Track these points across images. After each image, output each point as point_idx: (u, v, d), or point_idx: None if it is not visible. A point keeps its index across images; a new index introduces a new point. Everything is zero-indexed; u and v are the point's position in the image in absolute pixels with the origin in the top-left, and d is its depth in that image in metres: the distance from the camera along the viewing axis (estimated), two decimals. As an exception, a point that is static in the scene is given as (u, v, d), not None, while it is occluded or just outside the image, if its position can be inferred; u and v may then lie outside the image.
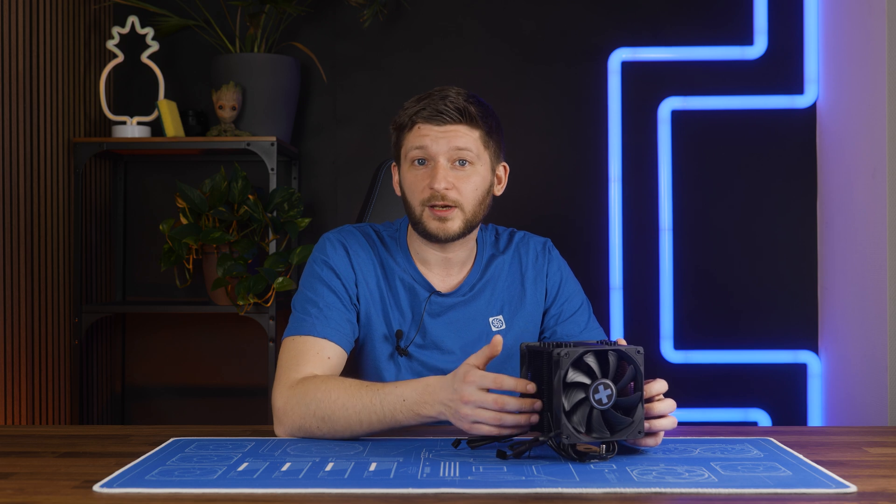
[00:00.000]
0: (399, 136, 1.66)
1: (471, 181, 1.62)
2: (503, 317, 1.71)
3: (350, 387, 1.46)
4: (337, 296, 1.64)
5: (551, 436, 1.27)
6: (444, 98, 1.61)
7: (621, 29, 3.06)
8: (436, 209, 1.61)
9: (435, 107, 1.60)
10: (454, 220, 1.62)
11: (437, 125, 1.60)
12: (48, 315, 2.69)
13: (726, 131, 3.05)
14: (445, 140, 1.60)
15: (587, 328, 1.75)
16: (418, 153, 1.62)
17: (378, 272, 1.68)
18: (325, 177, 3.13)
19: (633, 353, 1.30)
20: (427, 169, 1.62)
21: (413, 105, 1.64)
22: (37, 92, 2.63)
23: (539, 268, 1.75)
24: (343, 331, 1.61)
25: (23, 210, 2.54)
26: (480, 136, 1.63)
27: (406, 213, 1.67)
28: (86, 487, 1.18)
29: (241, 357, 3.12)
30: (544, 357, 1.30)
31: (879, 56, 2.52)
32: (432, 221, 1.62)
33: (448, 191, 1.60)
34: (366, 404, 1.43)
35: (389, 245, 1.72)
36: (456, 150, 1.60)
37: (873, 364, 2.58)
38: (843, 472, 1.25)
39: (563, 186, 3.08)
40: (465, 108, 1.60)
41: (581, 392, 1.28)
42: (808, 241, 3.04)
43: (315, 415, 1.45)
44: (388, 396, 1.42)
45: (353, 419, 1.44)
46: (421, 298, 1.68)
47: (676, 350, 3.03)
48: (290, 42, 3.06)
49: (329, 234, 1.71)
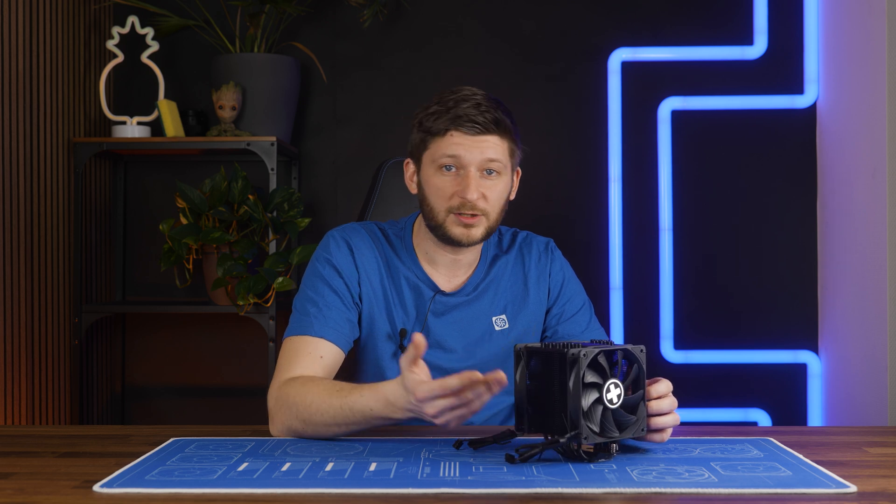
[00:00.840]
0: (427, 137, 1.63)
1: (497, 189, 1.63)
2: (506, 316, 1.72)
3: (324, 391, 1.45)
4: (338, 295, 1.64)
5: (570, 436, 1.26)
6: (478, 106, 1.59)
7: (621, 29, 3.06)
8: (463, 216, 1.60)
9: (471, 117, 1.59)
10: (479, 228, 1.62)
11: (472, 135, 1.59)
12: (48, 315, 2.69)
13: (726, 131, 3.05)
14: (479, 150, 1.59)
15: (588, 328, 1.76)
16: (449, 161, 1.60)
17: (382, 270, 1.68)
18: (325, 177, 3.13)
19: (636, 352, 1.31)
20: (456, 176, 1.61)
21: (443, 109, 1.61)
22: (37, 92, 2.63)
23: (542, 267, 1.76)
24: (341, 330, 1.61)
25: (23, 210, 2.54)
26: (509, 146, 1.63)
27: (423, 212, 1.66)
28: (86, 487, 1.18)
29: (241, 357, 3.12)
30: (555, 357, 1.29)
31: (879, 56, 2.52)
32: (457, 227, 1.61)
33: (478, 201, 1.60)
34: (336, 411, 1.42)
35: (395, 244, 1.72)
36: (487, 160, 1.60)
37: (873, 364, 2.58)
38: (843, 472, 1.25)
39: (563, 186, 3.08)
40: (500, 119, 1.60)
41: (594, 392, 1.28)
42: (808, 241, 3.04)
43: (297, 417, 1.46)
44: (356, 406, 1.41)
45: (330, 423, 1.44)
46: (426, 298, 1.68)
47: (676, 350, 3.03)
48: (290, 42, 3.06)
49: (333, 231, 1.71)
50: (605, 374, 1.28)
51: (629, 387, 1.31)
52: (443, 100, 1.62)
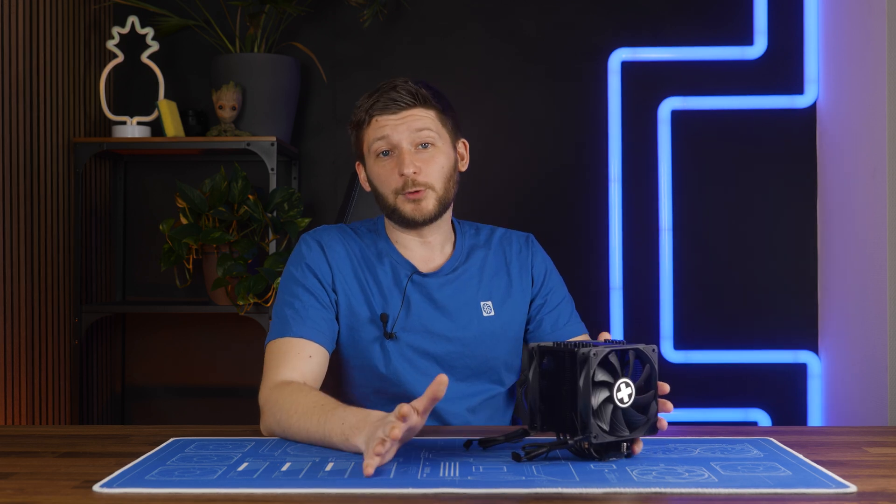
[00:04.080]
0: (358, 133, 1.70)
1: (436, 161, 1.67)
2: (492, 303, 1.74)
3: (308, 406, 1.42)
4: (314, 295, 1.66)
5: (581, 437, 1.26)
6: (394, 87, 1.66)
7: (621, 29, 3.06)
8: (408, 194, 1.64)
9: (388, 96, 1.65)
10: (427, 200, 1.65)
11: (393, 113, 1.65)
12: (48, 315, 2.69)
13: (726, 131, 3.05)
14: (405, 125, 1.64)
15: (570, 321, 1.78)
16: (381, 144, 1.66)
17: (355, 261, 1.71)
18: (325, 177, 3.13)
19: (648, 351, 1.31)
20: (392, 158, 1.66)
21: (365, 101, 1.68)
22: (37, 92, 2.63)
23: (524, 259, 1.79)
24: (321, 329, 1.63)
25: (23, 210, 2.54)
26: (436, 115, 1.67)
27: (379, 205, 1.71)
28: (86, 487, 1.18)
29: (241, 357, 3.12)
30: (566, 356, 1.29)
31: (879, 56, 2.52)
32: (406, 205, 1.65)
33: (417, 175, 1.64)
34: (311, 429, 1.40)
35: (367, 237, 1.75)
36: (416, 132, 1.65)
37: (873, 364, 2.58)
38: (843, 472, 1.25)
39: (564, 186, 3.08)
40: (416, 91, 1.66)
41: (605, 391, 1.28)
42: (807, 241, 3.04)
43: (279, 424, 1.47)
44: (329, 423, 1.37)
45: (303, 436, 1.42)
46: (403, 278, 1.70)
47: (676, 350, 3.03)
48: (290, 42, 3.06)
49: (305, 234, 1.75)
50: (616, 374, 1.28)
51: (640, 386, 1.31)
52: (366, 94, 1.69)
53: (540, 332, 1.76)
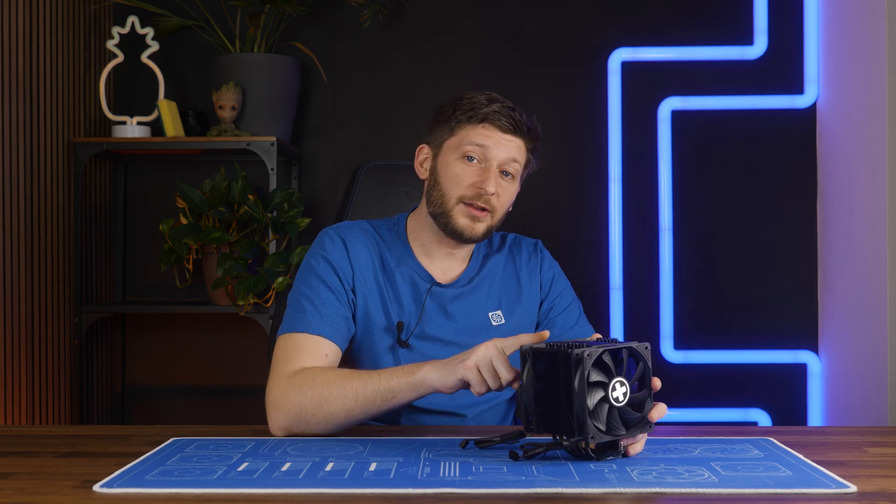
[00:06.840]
0: (456, 124, 1.66)
1: (508, 192, 1.68)
2: (502, 312, 1.74)
3: (348, 372, 1.51)
4: (333, 292, 1.64)
5: (578, 438, 1.26)
6: (511, 109, 1.65)
7: (621, 29, 3.06)
8: (473, 208, 1.63)
9: (508, 113, 1.64)
10: (483, 223, 1.65)
11: (503, 132, 1.64)
12: (48, 315, 2.69)
13: (726, 131, 3.05)
14: (505, 147, 1.64)
15: (578, 324, 1.78)
16: (475, 150, 1.64)
17: (376, 266, 1.69)
18: (325, 177, 3.13)
19: (641, 349, 1.32)
20: (477, 167, 1.64)
21: (483, 102, 1.64)
22: (37, 92, 2.63)
23: (532, 266, 1.79)
24: (338, 328, 1.61)
25: (23, 210, 2.54)
26: (527, 155, 1.69)
27: (430, 199, 1.68)
28: (86, 487, 1.18)
29: (241, 357, 3.12)
30: (559, 358, 1.29)
31: (879, 56, 2.52)
32: (463, 218, 1.64)
33: (493, 195, 1.63)
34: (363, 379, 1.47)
35: (389, 239, 1.73)
36: (510, 160, 1.65)
37: (873, 364, 2.58)
38: (843, 472, 1.25)
39: (563, 186, 3.08)
40: (533, 125, 1.67)
41: (600, 391, 1.28)
42: (808, 241, 3.04)
43: (312, 399, 1.47)
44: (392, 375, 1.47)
45: (349, 395, 1.46)
46: (422, 290, 1.69)
47: (676, 350, 3.03)
48: (290, 42, 3.06)
49: (328, 228, 1.73)
50: (610, 373, 1.28)
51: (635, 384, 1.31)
52: (476, 97, 1.65)
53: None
